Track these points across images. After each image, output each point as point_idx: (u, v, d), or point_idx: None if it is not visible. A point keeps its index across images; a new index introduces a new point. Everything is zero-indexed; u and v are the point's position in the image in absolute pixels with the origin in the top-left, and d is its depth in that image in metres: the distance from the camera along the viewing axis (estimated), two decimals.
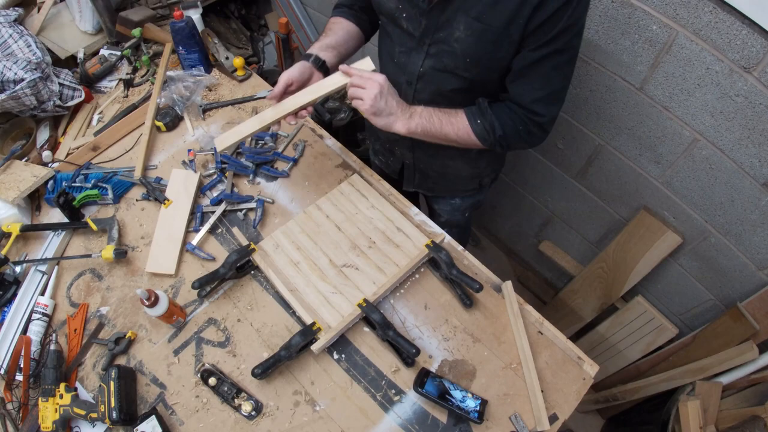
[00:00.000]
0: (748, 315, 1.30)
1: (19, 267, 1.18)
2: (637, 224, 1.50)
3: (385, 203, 1.25)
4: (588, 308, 1.82)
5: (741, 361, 1.34)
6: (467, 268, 1.18)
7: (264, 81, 1.56)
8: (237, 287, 1.15)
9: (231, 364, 1.06)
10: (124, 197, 1.32)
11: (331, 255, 1.16)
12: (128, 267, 1.20)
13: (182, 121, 1.46)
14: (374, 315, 1.02)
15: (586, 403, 1.90)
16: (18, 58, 1.35)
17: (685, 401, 1.39)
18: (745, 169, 1.17)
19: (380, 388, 1.02)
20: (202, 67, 1.53)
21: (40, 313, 1.11)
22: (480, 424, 0.97)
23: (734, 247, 1.33)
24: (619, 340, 1.75)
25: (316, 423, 0.99)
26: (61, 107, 1.43)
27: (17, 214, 1.26)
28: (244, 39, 2.37)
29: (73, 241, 1.26)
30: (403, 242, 1.17)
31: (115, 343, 1.07)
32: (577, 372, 1.04)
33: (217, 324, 1.10)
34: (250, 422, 0.99)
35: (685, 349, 1.54)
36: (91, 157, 1.39)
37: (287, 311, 1.11)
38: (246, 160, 1.34)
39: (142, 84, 1.57)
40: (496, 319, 1.10)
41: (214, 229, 1.24)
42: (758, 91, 1.04)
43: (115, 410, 0.94)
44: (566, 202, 1.75)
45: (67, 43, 1.60)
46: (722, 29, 1.02)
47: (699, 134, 1.21)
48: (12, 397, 1.03)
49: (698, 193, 1.32)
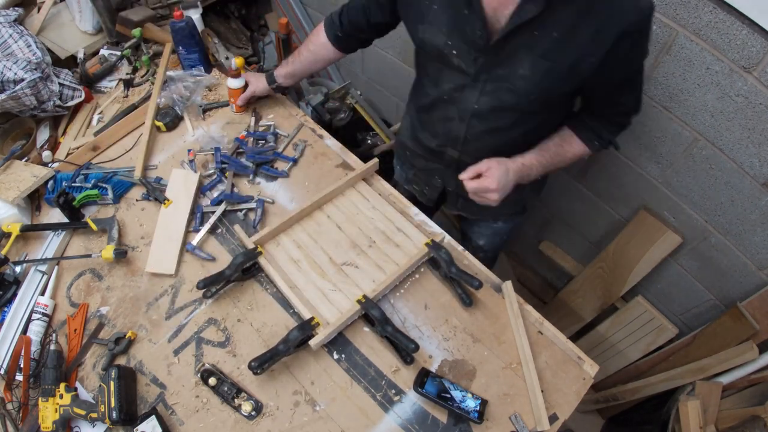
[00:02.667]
0: (748, 315, 1.30)
1: (19, 267, 1.18)
2: (637, 224, 1.50)
3: (385, 204, 1.25)
4: (588, 308, 1.82)
5: (741, 361, 1.34)
6: (467, 268, 1.17)
7: None
8: (237, 287, 1.15)
9: (231, 364, 1.06)
10: (124, 197, 1.31)
11: (331, 253, 1.16)
12: (128, 267, 1.20)
13: (182, 121, 1.46)
14: (373, 311, 1.02)
15: (586, 403, 1.90)
16: (18, 58, 1.35)
17: (685, 401, 1.39)
18: (745, 169, 1.17)
19: (380, 388, 1.02)
20: (202, 67, 1.53)
21: (40, 313, 1.11)
22: (480, 424, 0.97)
23: (734, 247, 1.33)
24: (619, 340, 1.75)
25: (316, 423, 0.99)
26: (61, 107, 1.43)
27: (17, 214, 1.25)
28: (244, 39, 2.37)
29: (73, 241, 1.26)
30: (403, 242, 1.18)
31: (115, 343, 1.07)
32: (577, 372, 1.04)
33: (217, 324, 1.10)
34: (250, 422, 0.99)
35: (685, 349, 1.54)
36: (91, 157, 1.39)
37: (287, 311, 1.11)
38: (246, 160, 1.34)
39: (142, 84, 1.57)
40: (496, 319, 1.10)
41: (214, 229, 1.24)
42: (758, 91, 1.04)
43: (115, 410, 0.94)
44: (566, 202, 1.75)
45: (67, 43, 1.60)
46: (722, 29, 1.02)
47: (699, 134, 1.21)
48: (12, 397, 1.03)
49: (698, 193, 1.32)
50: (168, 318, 1.12)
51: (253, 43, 2.40)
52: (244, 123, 1.44)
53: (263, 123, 1.44)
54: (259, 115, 1.46)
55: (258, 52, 2.38)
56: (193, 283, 1.13)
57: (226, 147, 1.37)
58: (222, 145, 1.37)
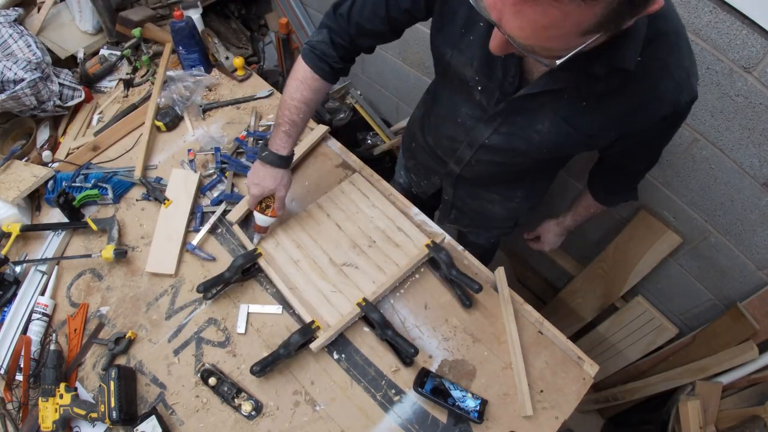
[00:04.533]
0: (748, 315, 1.30)
1: (19, 267, 1.18)
2: (637, 224, 1.50)
3: (385, 202, 1.25)
4: (588, 308, 1.82)
5: (741, 361, 1.34)
6: (467, 268, 1.18)
7: (264, 81, 1.56)
8: (237, 287, 1.15)
9: (231, 364, 1.06)
10: (124, 197, 1.31)
11: (331, 253, 1.16)
12: (128, 267, 1.20)
13: (182, 121, 1.46)
14: (373, 314, 1.02)
15: (586, 403, 1.90)
16: (18, 58, 1.35)
17: (685, 401, 1.39)
18: (745, 169, 1.17)
19: (380, 388, 1.02)
20: (202, 67, 1.53)
21: (40, 313, 1.11)
22: (480, 424, 0.97)
23: (734, 247, 1.33)
24: (619, 340, 1.74)
25: (316, 423, 0.99)
26: (61, 107, 1.43)
27: (17, 214, 1.25)
28: (244, 39, 2.36)
29: (73, 241, 1.26)
30: (404, 242, 1.17)
31: (115, 343, 1.07)
32: (577, 372, 1.04)
33: (217, 324, 1.10)
34: (250, 422, 0.99)
35: (685, 349, 1.54)
36: (91, 157, 1.39)
37: (287, 311, 1.11)
38: (246, 160, 1.34)
39: (142, 84, 1.57)
40: (496, 319, 1.10)
41: (214, 229, 1.24)
42: (758, 91, 1.04)
43: (115, 410, 0.94)
44: (566, 201, 1.75)
45: (67, 43, 1.60)
46: (722, 29, 1.02)
47: (699, 134, 1.21)
48: (12, 397, 1.03)
49: (698, 193, 1.32)
50: (168, 318, 1.12)
51: (253, 43, 2.39)
52: (244, 123, 1.44)
53: (263, 123, 1.44)
54: (259, 115, 1.46)
55: (258, 52, 2.38)
56: (193, 283, 1.14)
57: (226, 147, 1.37)
58: (222, 145, 1.37)
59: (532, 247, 1.45)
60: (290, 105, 1.01)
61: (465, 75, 0.88)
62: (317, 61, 0.98)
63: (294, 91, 1.01)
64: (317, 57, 0.98)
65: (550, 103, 0.84)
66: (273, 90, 1.52)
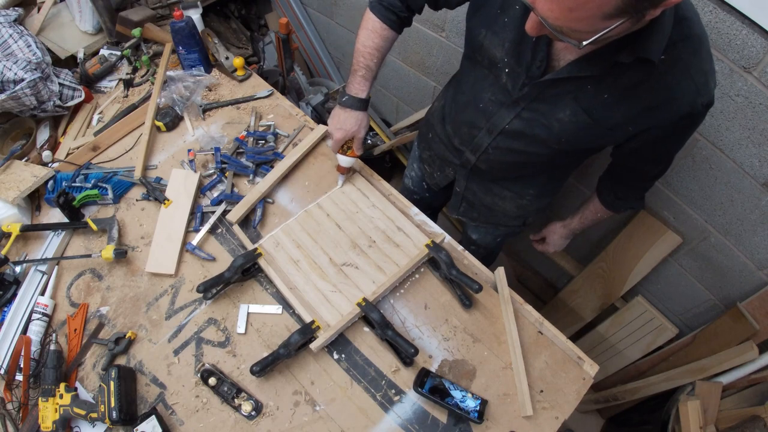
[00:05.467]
0: (748, 315, 1.30)
1: (19, 267, 1.18)
2: (637, 224, 1.50)
3: (386, 202, 1.25)
4: (588, 308, 1.82)
5: (741, 361, 1.34)
6: (467, 268, 1.18)
7: (264, 81, 1.56)
8: (237, 287, 1.15)
9: (231, 364, 1.06)
10: (124, 197, 1.31)
11: (331, 253, 1.16)
12: (128, 267, 1.20)
13: (182, 121, 1.46)
14: (373, 314, 1.02)
15: (586, 403, 1.90)
16: (18, 58, 1.35)
17: (685, 401, 1.39)
18: (745, 169, 1.17)
19: (380, 388, 1.02)
20: (202, 67, 1.53)
21: (40, 313, 1.11)
22: (480, 424, 0.97)
23: (734, 247, 1.33)
24: (619, 340, 1.75)
25: (316, 423, 0.99)
26: (61, 107, 1.43)
27: (17, 214, 1.25)
28: (244, 39, 2.36)
29: (73, 241, 1.26)
30: (404, 242, 1.17)
31: (115, 343, 1.07)
32: (577, 372, 1.04)
33: (217, 324, 1.10)
34: (250, 422, 0.99)
35: (685, 349, 1.54)
36: (91, 157, 1.39)
37: (287, 311, 1.11)
38: (246, 160, 1.34)
39: (142, 84, 1.57)
40: (496, 319, 1.10)
41: (214, 229, 1.24)
42: (758, 91, 1.04)
43: (115, 410, 0.94)
44: (566, 201, 1.75)
45: (67, 43, 1.60)
46: (722, 29, 1.02)
47: (699, 134, 1.21)
48: (12, 397, 1.03)
49: (698, 193, 1.32)
50: (168, 318, 1.12)
51: (253, 43, 2.40)
52: (244, 123, 1.44)
53: (263, 123, 1.44)
54: (259, 115, 1.46)
55: (258, 52, 2.38)
56: (193, 283, 1.14)
57: (226, 147, 1.37)
58: (222, 145, 1.37)
59: (538, 249, 1.46)
60: (364, 52, 1.09)
61: (495, 56, 0.93)
62: (384, 11, 1.07)
63: (366, 39, 1.09)
64: (384, 7, 1.07)
65: (572, 93, 0.87)
66: (273, 90, 1.51)
